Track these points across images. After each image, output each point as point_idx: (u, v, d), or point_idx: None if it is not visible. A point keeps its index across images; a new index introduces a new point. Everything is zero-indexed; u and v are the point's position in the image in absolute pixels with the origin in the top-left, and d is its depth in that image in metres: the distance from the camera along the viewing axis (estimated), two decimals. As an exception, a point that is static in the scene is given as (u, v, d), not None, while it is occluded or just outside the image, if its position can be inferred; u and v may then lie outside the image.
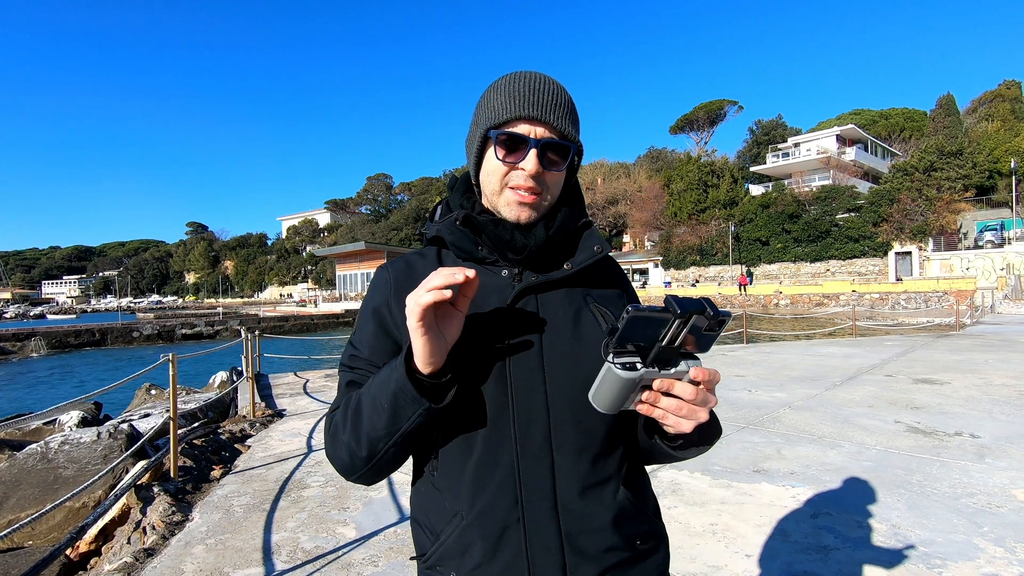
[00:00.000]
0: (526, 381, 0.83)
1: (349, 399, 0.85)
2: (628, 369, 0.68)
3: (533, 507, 0.82)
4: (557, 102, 0.85)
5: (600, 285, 0.94)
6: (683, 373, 0.70)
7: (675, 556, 2.62)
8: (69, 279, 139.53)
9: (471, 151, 0.91)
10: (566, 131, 0.85)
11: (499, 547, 0.81)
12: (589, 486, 0.84)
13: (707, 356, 9.81)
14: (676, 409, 0.72)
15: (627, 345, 0.67)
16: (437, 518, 0.86)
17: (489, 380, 0.82)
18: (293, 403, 6.71)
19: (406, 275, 0.92)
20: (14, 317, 58.52)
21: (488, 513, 0.82)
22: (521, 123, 0.84)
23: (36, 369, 20.67)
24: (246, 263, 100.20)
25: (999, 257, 29.98)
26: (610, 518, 0.85)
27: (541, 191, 0.86)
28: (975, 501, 3.15)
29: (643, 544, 0.89)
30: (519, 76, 0.87)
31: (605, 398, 0.71)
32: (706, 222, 42.86)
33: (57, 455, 4.17)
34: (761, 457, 4.03)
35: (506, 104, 0.85)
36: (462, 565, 0.83)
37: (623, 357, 0.68)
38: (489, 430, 0.82)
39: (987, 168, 34.28)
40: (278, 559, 2.72)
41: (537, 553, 0.81)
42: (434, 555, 0.86)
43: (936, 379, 6.96)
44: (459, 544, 0.83)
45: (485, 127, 0.87)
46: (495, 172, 0.87)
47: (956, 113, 40.17)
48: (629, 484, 0.89)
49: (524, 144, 0.84)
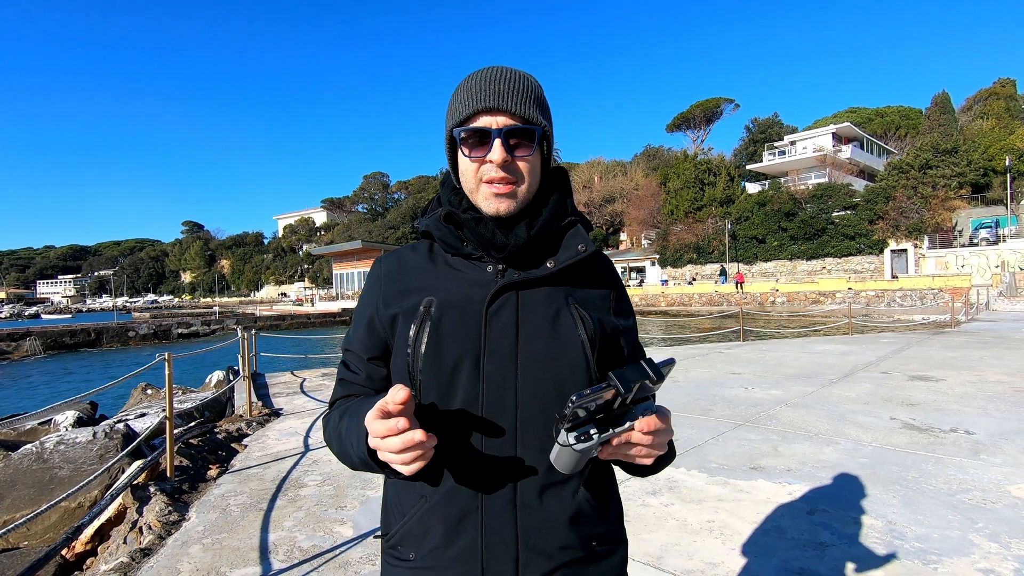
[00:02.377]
0: (498, 376, 0.84)
1: (334, 419, 0.90)
2: (583, 440, 0.71)
3: (492, 499, 0.84)
4: (515, 89, 0.86)
5: (586, 285, 0.94)
6: (635, 421, 0.74)
7: (672, 553, 2.63)
8: (64, 279, 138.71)
9: (447, 154, 0.93)
10: (528, 115, 0.85)
11: (456, 533, 0.84)
12: (549, 484, 0.86)
13: (703, 356, 9.75)
14: (636, 452, 0.76)
15: (578, 415, 0.70)
16: (407, 499, 0.89)
17: (464, 372, 0.84)
18: (290, 402, 6.70)
19: (396, 270, 0.95)
20: (9, 317, 58.22)
21: (449, 499, 0.84)
22: (481, 116, 0.85)
23: (31, 369, 20.58)
24: (242, 262, 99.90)
25: (994, 254, 30.13)
26: (567, 517, 0.86)
27: (515, 180, 0.86)
28: (970, 497, 3.17)
29: (599, 546, 0.91)
30: (478, 72, 0.88)
31: (566, 465, 0.74)
32: (702, 220, 42.89)
33: (53, 455, 4.15)
34: (758, 454, 4.04)
35: (465, 101, 0.86)
36: (421, 546, 0.86)
37: (576, 429, 0.71)
38: (458, 419, 0.84)
39: (982, 166, 34.46)
40: (275, 558, 2.71)
41: (491, 544, 0.83)
42: (397, 534, 0.89)
43: (931, 376, 6.99)
44: (420, 526, 0.86)
45: (450, 127, 0.88)
46: (468, 171, 0.88)
47: (951, 111, 40.39)
48: (591, 486, 0.90)
49: (487, 136, 0.84)
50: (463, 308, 0.87)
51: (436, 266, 0.93)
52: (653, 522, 2.97)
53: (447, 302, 0.87)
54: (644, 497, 3.31)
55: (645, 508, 3.15)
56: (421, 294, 0.89)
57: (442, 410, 0.85)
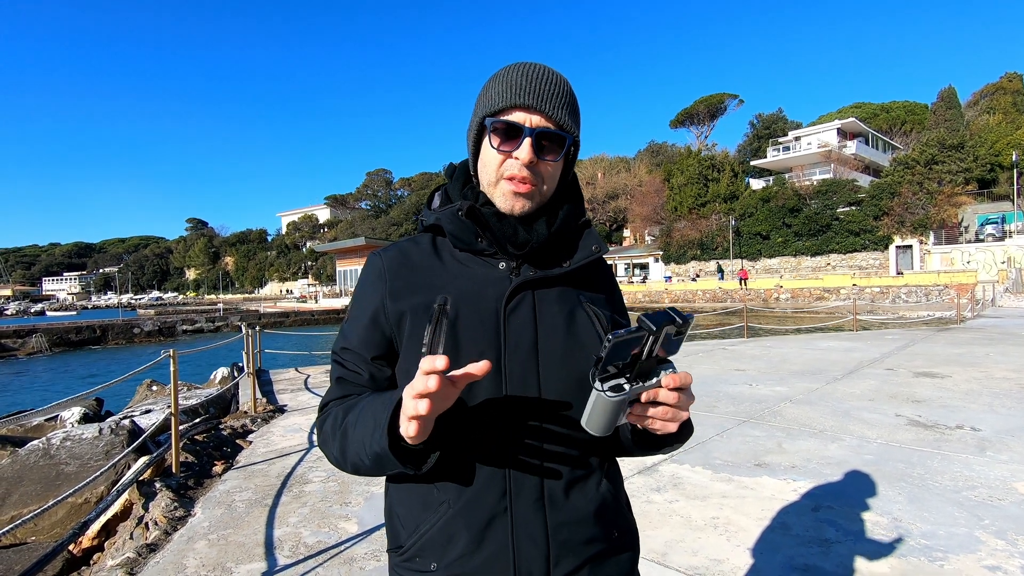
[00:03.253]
0: (520, 374, 0.83)
1: (337, 415, 0.84)
2: (617, 391, 0.71)
3: (521, 499, 0.82)
4: (555, 92, 0.85)
5: (592, 286, 0.95)
6: (661, 377, 0.74)
7: (677, 550, 2.63)
8: (69, 276, 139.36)
9: (469, 140, 0.92)
10: (563, 122, 0.85)
11: (484, 537, 0.82)
12: (575, 479, 0.86)
13: (707, 353, 9.77)
14: (663, 414, 0.74)
15: (608, 368, 0.71)
16: (420, 508, 0.86)
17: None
18: (294, 399, 6.72)
19: (400, 264, 0.91)
20: (15, 314, 58.55)
21: (475, 503, 0.82)
22: (517, 111, 0.84)
23: (38, 366, 20.70)
24: (246, 259, 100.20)
25: (1000, 250, 29.92)
26: (592, 510, 0.87)
27: (536, 182, 0.85)
28: (976, 494, 3.15)
29: (619, 536, 0.92)
30: (518, 66, 0.87)
31: (599, 423, 0.73)
32: (706, 216, 42.76)
33: (59, 451, 4.18)
34: (762, 451, 4.04)
35: (503, 93, 0.84)
36: (444, 555, 0.83)
37: (608, 381, 0.72)
38: (481, 421, 0.83)
39: (988, 161, 34.17)
40: (280, 554, 2.72)
41: (523, 544, 0.82)
42: (414, 546, 0.85)
43: (937, 372, 6.96)
44: (443, 534, 0.83)
45: (482, 115, 0.87)
46: (491, 162, 0.86)
47: (957, 106, 40.08)
48: (610, 478, 0.91)
49: (519, 132, 0.83)
50: (480, 306, 0.85)
51: (444, 262, 0.91)
52: (658, 518, 2.97)
53: (462, 299, 0.85)
54: (648, 494, 3.31)
55: (650, 504, 3.15)
56: (432, 291, 0.86)
57: (463, 411, 0.83)
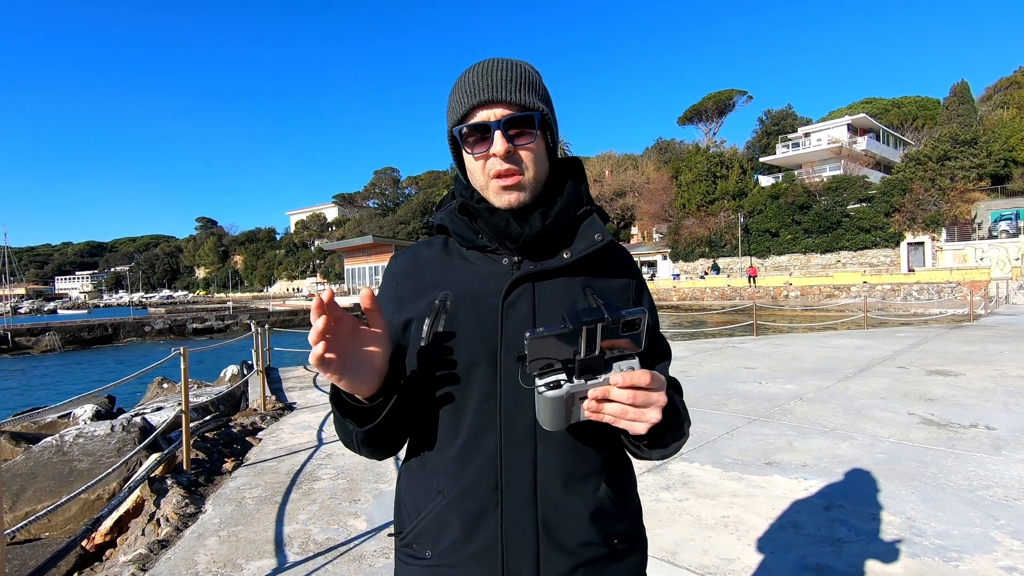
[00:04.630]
0: (516, 368, 0.83)
1: None
2: (553, 388, 0.70)
3: (512, 494, 0.82)
4: (508, 78, 0.84)
5: (604, 275, 0.92)
6: (611, 375, 0.72)
7: (687, 548, 2.62)
8: (81, 275, 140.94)
9: (453, 157, 0.93)
10: (525, 102, 0.84)
11: (475, 529, 0.83)
12: (571, 479, 0.85)
13: (717, 351, 9.72)
14: (621, 413, 0.72)
15: (553, 364, 0.70)
16: (421, 496, 0.88)
17: (481, 366, 0.83)
18: (303, 396, 6.75)
19: (411, 267, 0.94)
20: (28, 312, 59.37)
21: (468, 494, 0.83)
22: (479, 111, 0.84)
23: (51, 363, 20.95)
24: (255, 258, 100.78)
25: (1014, 247, 29.52)
26: (589, 513, 0.85)
27: (521, 170, 0.85)
28: (991, 494, 3.11)
29: (621, 544, 0.90)
30: (469, 68, 0.88)
31: (545, 418, 0.73)
32: (715, 213, 42.47)
33: (72, 448, 4.22)
34: (773, 449, 4.01)
35: (461, 99, 0.85)
36: (438, 543, 0.85)
37: (548, 377, 0.70)
38: (476, 414, 0.83)
39: (1002, 157, 33.66)
40: (290, 551, 2.73)
41: (512, 540, 0.82)
42: (412, 532, 0.88)
43: (950, 371, 6.88)
44: (437, 523, 0.85)
45: (450, 127, 0.88)
46: (475, 169, 0.87)
47: (970, 101, 39.47)
48: (611, 482, 0.89)
49: (487, 130, 0.83)
50: (478, 301, 0.86)
51: (451, 260, 0.92)
52: (667, 517, 2.95)
53: (462, 295, 0.86)
54: (658, 492, 3.29)
55: (659, 503, 3.14)
56: (436, 290, 0.88)
57: (459, 404, 0.84)
